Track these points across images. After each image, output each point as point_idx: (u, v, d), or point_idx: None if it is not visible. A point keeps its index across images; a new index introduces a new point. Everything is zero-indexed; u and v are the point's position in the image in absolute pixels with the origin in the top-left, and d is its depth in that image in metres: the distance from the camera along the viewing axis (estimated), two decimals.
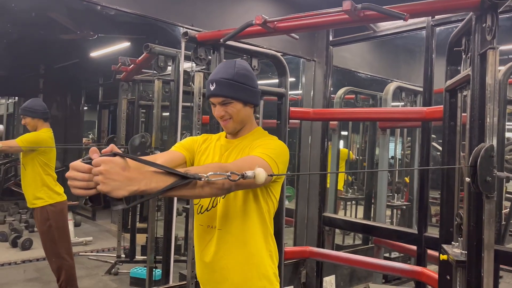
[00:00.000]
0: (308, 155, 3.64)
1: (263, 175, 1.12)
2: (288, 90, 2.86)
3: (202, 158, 1.55)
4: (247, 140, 1.49)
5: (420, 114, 2.59)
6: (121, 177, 0.92)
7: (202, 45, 2.53)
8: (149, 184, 0.95)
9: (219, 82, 1.42)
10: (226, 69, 1.45)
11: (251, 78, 1.47)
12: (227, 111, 1.43)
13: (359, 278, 4.03)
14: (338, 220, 3.28)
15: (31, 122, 3.15)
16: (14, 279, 4.06)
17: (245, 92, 1.44)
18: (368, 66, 4.12)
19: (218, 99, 1.43)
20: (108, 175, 0.91)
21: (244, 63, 1.51)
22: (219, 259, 1.44)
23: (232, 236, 1.42)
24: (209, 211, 1.46)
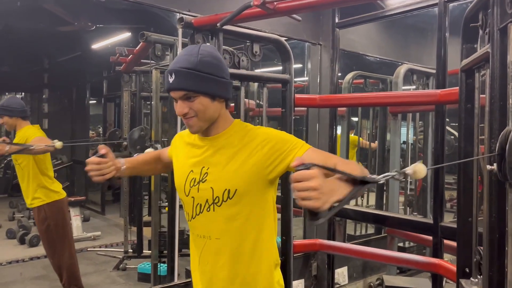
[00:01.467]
0: (316, 143, 3.50)
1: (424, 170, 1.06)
2: (292, 76, 2.72)
3: (179, 159, 1.40)
4: (235, 138, 1.29)
5: (434, 97, 2.43)
6: (326, 190, 0.90)
7: (199, 31, 2.38)
8: (343, 192, 0.94)
9: (178, 73, 1.20)
10: (188, 56, 1.22)
11: (219, 67, 1.25)
12: (192, 108, 1.21)
13: (372, 269, 3.91)
14: (349, 210, 3.13)
15: (9, 121, 3.05)
16: (21, 278, 4.03)
17: (212, 84, 1.22)
18: (377, 49, 3.93)
19: (179, 93, 1.21)
20: (322, 189, 0.88)
21: (210, 48, 1.29)
22: (217, 271, 1.30)
23: (231, 247, 1.28)
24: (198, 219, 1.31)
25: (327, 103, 2.84)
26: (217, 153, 1.29)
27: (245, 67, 2.56)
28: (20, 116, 3.09)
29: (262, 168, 1.24)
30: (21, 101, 3.21)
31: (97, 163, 1.33)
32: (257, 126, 1.36)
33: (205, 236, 1.30)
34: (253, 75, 2.70)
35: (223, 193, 1.25)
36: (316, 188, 0.88)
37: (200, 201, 1.29)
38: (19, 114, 3.08)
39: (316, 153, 1.22)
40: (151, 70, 3.20)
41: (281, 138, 1.26)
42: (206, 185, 1.27)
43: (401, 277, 3.34)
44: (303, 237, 3.61)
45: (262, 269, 1.30)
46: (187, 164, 1.34)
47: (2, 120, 3.10)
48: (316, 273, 3.50)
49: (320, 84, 3.44)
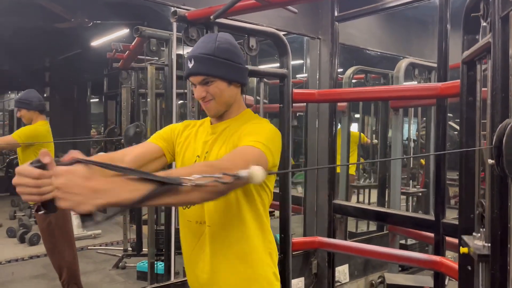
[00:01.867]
0: (316, 139, 3.44)
1: (260, 174, 0.93)
2: (290, 70, 2.67)
3: (183, 148, 1.37)
4: (235, 124, 1.31)
5: (435, 91, 2.37)
6: (83, 189, 0.78)
7: (194, 25, 2.33)
8: (120, 195, 0.80)
9: (198, 59, 1.26)
10: (206, 43, 1.28)
11: (235, 53, 1.30)
12: (209, 91, 1.27)
13: (374, 267, 3.85)
14: (349, 207, 3.09)
15: (27, 115, 3.03)
16: (20, 276, 4.01)
17: (228, 69, 1.27)
18: (378, 42, 3.86)
19: (198, 78, 1.27)
20: (67, 189, 0.78)
21: (227, 36, 1.33)
22: (210, 259, 1.29)
23: (222, 234, 1.27)
24: (195, 206, 1.30)
25: (326, 97, 2.78)
26: (218, 139, 1.32)
27: None
28: (38, 110, 3.08)
29: None
30: (38, 94, 3.18)
31: (36, 176, 0.86)
32: (260, 118, 1.38)
33: (201, 223, 1.29)
34: (250, 69, 2.64)
35: None
36: (59, 187, 0.78)
37: None
38: (36, 107, 3.07)
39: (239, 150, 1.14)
40: (146, 66, 3.15)
41: (250, 129, 1.25)
42: None
43: (403, 275, 3.28)
44: (303, 234, 3.56)
45: (256, 257, 1.29)
46: (194, 149, 1.35)
47: (20, 113, 3.10)
48: (316, 271, 3.44)
49: (320, 79, 3.37)
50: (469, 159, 2.06)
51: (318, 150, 3.42)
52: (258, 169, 0.93)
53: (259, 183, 0.98)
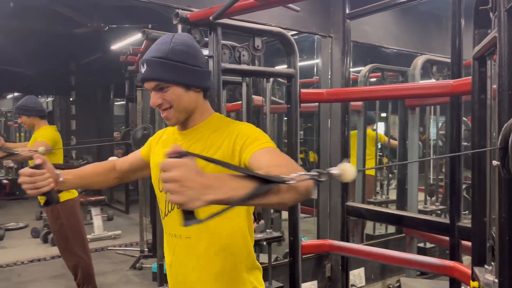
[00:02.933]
0: (328, 140, 3.37)
1: (352, 171, 0.88)
2: (297, 70, 2.62)
3: (153, 157, 1.34)
4: (209, 132, 1.23)
5: (446, 88, 2.27)
6: (197, 184, 0.75)
7: (196, 26, 2.32)
8: (228, 192, 0.78)
9: (150, 63, 1.15)
10: (159, 45, 1.18)
11: (192, 55, 1.19)
12: (166, 98, 1.17)
13: (392, 270, 3.74)
14: (362, 209, 3.00)
15: (27, 121, 3.09)
16: (41, 276, 4.11)
17: (184, 73, 1.16)
18: (394, 39, 3.74)
19: (151, 84, 1.17)
20: (185, 182, 0.75)
21: (184, 36, 1.23)
22: (189, 273, 1.23)
23: (202, 247, 1.21)
24: (170, 216, 1.25)
25: (335, 97, 2.71)
26: (189, 148, 1.23)
27: (246, 62, 2.48)
28: (38, 116, 3.14)
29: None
30: (38, 100, 3.25)
31: (29, 174, 1.14)
32: (235, 121, 1.28)
33: (176, 235, 1.24)
34: (255, 70, 2.62)
35: None
36: (176, 180, 0.75)
37: None
38: (36, 113, 3.13)
39: (269, 154, 1.08)
40: None
41: (244, 132, 1.17)
42: None
43: (420, 280, 3.16)
44: (316, 237, 3.49)
45: (235, 273, 1.22)
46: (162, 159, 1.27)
47: (20, 119, 3.17)
48: (330, 275, 3.37)
49: (331, 78, 3.30)
50: (480, 161, 1.96)
51: (331, 150, 3.35)
52: (349, 166, 0.89)
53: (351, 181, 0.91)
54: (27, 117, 3.09)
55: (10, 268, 4.32)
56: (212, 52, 2.32)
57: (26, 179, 1.13)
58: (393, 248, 3.50)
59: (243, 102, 2.55)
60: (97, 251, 4.86)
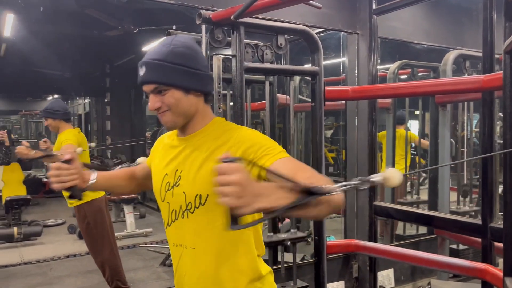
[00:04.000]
0: (355, 138, 3.31)
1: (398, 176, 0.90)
2: (322, 68, 2.59)
3: (154, 164, 1.31)
4: (209, 138, 1.19)
5: (477, 84, 2.18)
6: (251, 191, 0.78)
7: (219, 26, 2.33)
8: (275, 201, 0.80)
9: (149, 65, 1.12)
10: (159, 48, 1.15)
11: (193, 58, 1.15)
12: (164, 102, 1.13)
13: (423, 272, 3.63)
14: (390, 209, 2.94)
15: (53, 123, 3.20)
16: (75, 271, 4.26)
17: (184, 76, 1.12)
18: (424, 34, 3.62)
19: (149, 87, 1.14)
20: (244, 187, 0.77)
21: (184, 38, 1.19)
22: (194, 284, 1.21)
23: (206, 258, 1.18)
24: (173, 226, 1.23)
25: (360, 94, 2.67)
26: (191, 155, 1.19)
27: (269, 60, 2.47)
28: (63, 119, 3.25)
29: None
30: (64, 104, 3.37)
31: (56, 168, 1.17)
32: (238, 126, 1.24)
33: (182, 245, 1.20)
34: (278, 68, 2.61)
35: (195, 198, 1.15)
36: (236, 183, 0.76)
37: (175, 207, 1.20)
38: (61, 116, 3.24)
39: (288, 163, 1.06)
40: None
41: (256, 141, 1.12)
42: (179, 189, 1.18)
43: (451, 282, 3.06)
44: (343, 237, 3.45)
45: (241, 283, 1.19)
46: (162, 167, 1.25)
47: (46, 122, 3.29)
48: (357, 275, 3.32)
49: (358, 75, 3.24)
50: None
51: (358, 149, 3.29)
52: (394, 171, 0.90)
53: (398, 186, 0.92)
54: (53, 120, 3.20)
55: (47, 263, 4.51)
56: (235, 51, 2.33)
57: (53, 172, 1.17)
58: (424, 250, 3.40)
59: (267, 101, 2.55)
60: (129, 247, 5.00)
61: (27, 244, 5.14)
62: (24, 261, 4.52)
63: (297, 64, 3.65)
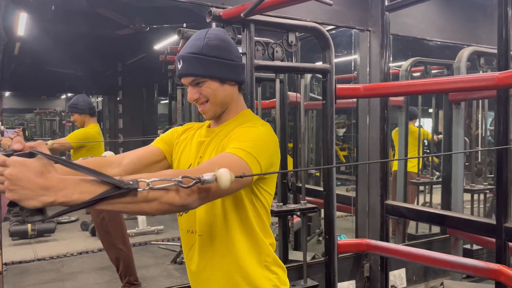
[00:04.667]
0: (367, 137, 3.28)
1: (226, 178, 0.87)
2: (333, 65, 2.57)
3: (178, 153, 1.33)
4: (229, 127, 1.23)
5: (491, 81, 2.14)
6: (33, 184, 0.76)
7: (229, 24, 2.33)
8: (69, 195, 0.78)
9: (186, 59, 1.19)
10: (194, 41, 1.21)
11: (226, 49, 1.21)
12: (202, 93, 1.21)
13: (436, 272, 3.59)
14: (402, 208, 2.91)
15: (79, 118, 3.25)
16: (88, 267, 4.30)
17: (219, 67, 1.19)
18: (438, 31, 3.56)
19: (188, 79, 1.21)
20: (16, 181, 0.76)
21: (218, 31, 1.25)
22: (203, 270, 1.24)
23: (215, 244, 1.20)
24: (187, 214, 1.25)
25: (372, 92, 2.63)
26: (212, 141, 1.25)
27: (279, 58, 2.46)
28: (89, 114, 3.31)
29: None
30: (89, 99, 3.43)
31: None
32: (253, 121, 1.24)
33: (192, 232, 1.25)
34: (288, 66, 2.59)
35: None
36: (9, 178, 0.75)
37: None
38: (87, 111, 3.31)
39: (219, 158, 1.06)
40: None
41: (239, 133, 1.16)
42: None
43: (464, 283, 3.01)
44: (354, 236, 3.42)
45: (249, 270, 1.21)
46: (191, 152, 1.30)
47: (73, 117, 3.36)
48: (368, 274, 3.29)
49: (370, 73, 3.21)
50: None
51: (369, 148, 3.26)
52: (224, 172, 0.87)
53: (227, 187, 0.88)
54: (79, 115, 3.26)
55: (61, 259, 4.56)
56: (245, 49, 2.32)
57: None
58: (436, 249, 3.36)
59: (277, 98, 2.53)
60: (141, 245, 5.03)
61: (41, 240, 5.21)
62: (38, 257, 4.57)
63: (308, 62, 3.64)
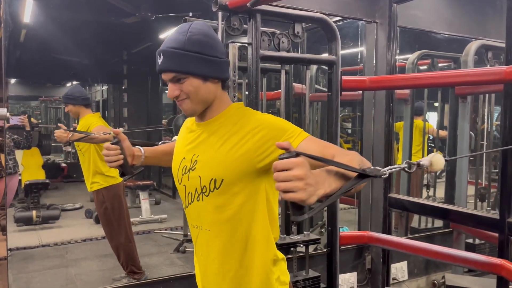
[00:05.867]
0: (371, 130, 3.27)
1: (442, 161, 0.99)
2: (339, 57, 2.56)
3: (176, 146, 1.35)
4: (226, 124, 1.20)
5: (499, 75, 2.12)
6: (313, 180, 0.82)
7: (235, 13, 2.31)
8: (329, 186, 0.86)
9: (166, 53, 1.14)
10: (176, 35, 1.16)
11: (209, 45, 1.15)
12: (183, 90, 1.15)
13: (438, 266, 3.59)
14: (405, 201, 2.90)
15: (73, 109, 3.24)
16: (92, 254, 4.35)
17: (201, 64, 1.13)
18: (446, 24, 3.52)
19: (168, 75, 1.15)
20: (308, 180, 0.80)
21: (201, 25, 1.19)
22: (211, 264, 1.24)
23: (221, 239, 1.21)
24: (190, 208, 1.26)
25: (377, 85, 2.62)
26: (207, 140, 1.21)
27: (285, 49, 2.45)
28: (83, 104, 3.28)
29: (252, 157, 1.13)
30: (83, 90, 3.40)
31: (106, 149, 1.32)
32: (254, 111, 1.24)
33: (198, 226, 1.25)
34: (294, 57, 2.58)
35: (209, 182, 1.17)
36: (301, 178, 0.79)
37: (191, 189, 1.23)
38: (82, 102, 3.27)
39: (313, 143, 1.11)
40: None
41: (276, 125, 1.14)
42: (195, 173, 1.21)
43: (466, 277, 3.02)
44: (357, 228, 3.43)
45: (255, 265, 1.21)
46: (182, 151, 1.28)
47: (67, 108, 3.33)
48: (370, 267, 3.30)
49: (376, 65, 3.18)
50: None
51: (374, 141, 3.25)
52: (440, 157, 0.97)
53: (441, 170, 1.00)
54: (73, 106, 3.23)
55: (65, 246, 4.61)
56: (251, 39, 2.31)
57: (104, 152, 1.32)
58: (439, 243, 3.35)
59: (282, 90, 2.53)
60: (144, 233, 5.07)
61: (45, 227, 5.26)
62: (42, 243, 4.63)
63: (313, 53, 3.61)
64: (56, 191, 7.61)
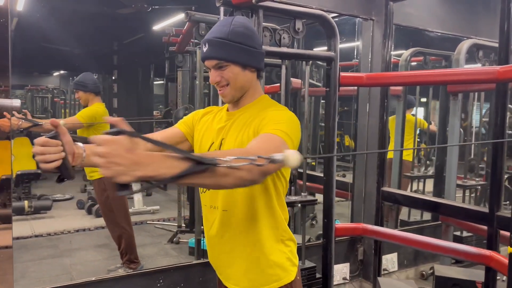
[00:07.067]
0: (366, 125, 3.35)
1: (295, 158, 0.94)
2: (337, 53, 2.61)
3: (200, 134, 1.40)
4: (251, 111, 1.31)
5: (492, 75, 2.20)
6: (125, 160, 0.81)
7: (238, 9, 2.35)
8: (157, 170, 0.84)
9: (211, 42, 1.26)
10: (220, 27, 1.28)
11: (250, 37, 1.28)
12: (223, 76, 1.27)
13: (426, 257, 3.72)
14: (398, 195, 3.00)
15: (83, 96, 3.25)
16: (86, 245, 4.37)
17: (242, 53, 1.26)
18: (439, 22, 3.61)
19: (212, 62, 1.27)
20: (111, 158, 0.80)
21: (243, 19, 1.32)
22: (225, 243, 1.32)
23: (236, 219, 1.28)
24: (211, 191, 1.33)
25: (374, 81, 2.69)
26: (234, 124, 1.32)
27: (286, 44, 2.49)
28: (93, 92, 3.30)
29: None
30: (94, 77, 3.41)
31: (42, 144, 0.97)
32: (277, 104, 1.35)
33: (215, 207, 1.32)
34: (295, 53, 2.63)
35: None
36: (103, 155, 0.80)
37: None
38: (92, 89, 3.29)
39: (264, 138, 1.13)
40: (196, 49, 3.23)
41: (275, 116, 1.23)
42: None
43: (454, 268, 3.13)
44: (350, 220, 3.52)
45: (268, 244, 1.29)
46: (212, 134, 1.36)
47: (77, 94, 3.34)
48: (362, 258, 3.40)
49: (372, 62, 3.26)
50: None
51: (368, 136, 3.33)
52: (293, 153, 0.95)
53: (295, 167, 0.98)
54: (84, 93, 3.25)
55: (58, 236, 4.61)
56: None
57: (37, 149, 0.97)
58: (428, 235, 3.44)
59: (282, 84, 2.57)
60: (137, 224, 5.08)
61: (37, 217, 5.25)
62: (35, 233, 4.62)
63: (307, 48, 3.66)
64: (46, 182, 7.55)
